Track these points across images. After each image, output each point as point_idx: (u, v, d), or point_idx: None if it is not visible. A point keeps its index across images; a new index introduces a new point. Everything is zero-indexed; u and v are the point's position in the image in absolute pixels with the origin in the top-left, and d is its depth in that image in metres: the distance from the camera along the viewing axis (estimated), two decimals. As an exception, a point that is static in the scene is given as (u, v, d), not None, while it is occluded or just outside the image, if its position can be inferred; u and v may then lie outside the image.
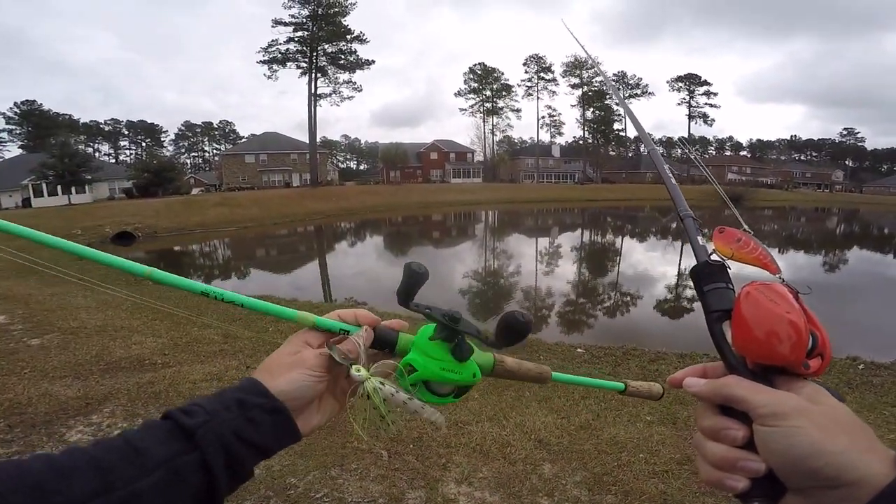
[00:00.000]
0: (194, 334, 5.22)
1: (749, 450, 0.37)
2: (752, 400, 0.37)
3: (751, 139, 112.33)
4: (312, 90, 44.70)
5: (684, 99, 69.99)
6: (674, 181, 0.54)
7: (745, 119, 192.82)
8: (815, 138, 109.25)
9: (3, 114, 67.82)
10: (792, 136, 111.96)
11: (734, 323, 0.40)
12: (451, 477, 2.56)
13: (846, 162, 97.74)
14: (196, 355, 4.50)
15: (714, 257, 0.44)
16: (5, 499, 0.32)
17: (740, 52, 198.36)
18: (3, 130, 67.29)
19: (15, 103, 68.99)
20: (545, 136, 72.69)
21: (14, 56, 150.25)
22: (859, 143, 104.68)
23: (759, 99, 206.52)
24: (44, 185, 34.70)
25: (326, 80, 45.84)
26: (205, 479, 0.40)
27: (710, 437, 0.39)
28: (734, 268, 0.44)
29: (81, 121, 76.23)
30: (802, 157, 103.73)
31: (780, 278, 0.42)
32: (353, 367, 0.49)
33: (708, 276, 0.43)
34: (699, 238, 0.47)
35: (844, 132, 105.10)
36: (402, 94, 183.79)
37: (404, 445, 2.86)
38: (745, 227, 0.46)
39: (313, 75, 44.50)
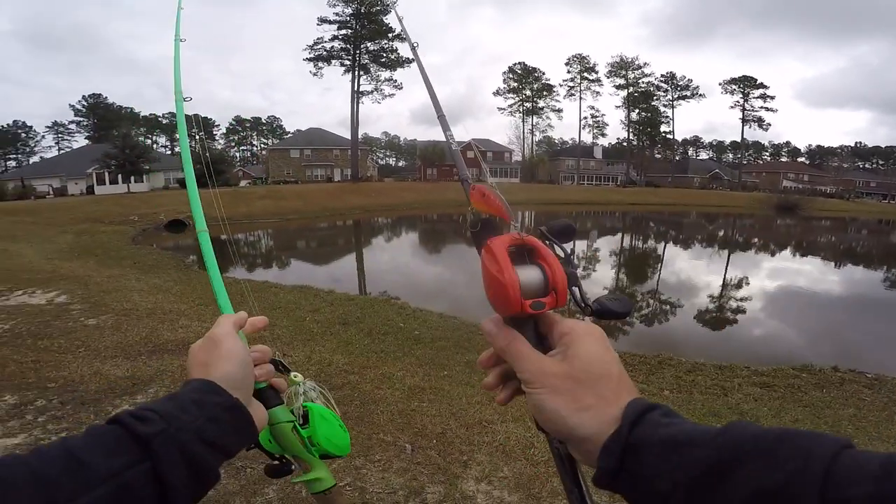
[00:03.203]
0: (235, 321, 5.44)
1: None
2: (516, 366, 0.41)
3: (809, 145, 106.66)
4: (355, 88, 45.52)
5: (738, 102, 66.52)
6: (455, 147, 0.65)
7: (803, 124, 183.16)
8: (883, 146, 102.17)
9: (73, 106, 73.02)
10: (856, 143, 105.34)
11: None
12: (471, 474, 2.58)
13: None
14: (235, 341, 4.69)
15: (473, 213, 0.50)
16: None
17: (800, 56, 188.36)
18: (72, 122, 72.35)
19: (83, 96, 74.02)
20: (587, 137, 71.22)
21: (89, 52, 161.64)
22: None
23: (820, 104, 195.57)
24: (106, 174, 36.98)
25: (368, 78, 46.54)
26: (157, 491, 0.38)
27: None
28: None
29: (142, 114, 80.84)
30: (867, 166, 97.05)
31: (513, 225, 0.45)
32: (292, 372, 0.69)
33: (475, 233, 0.49)
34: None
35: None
36: (442, 92, 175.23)
37: (428, 440, 2.91)
38: (491, 181, 0.50)
39: (356, 73, 45.30)
